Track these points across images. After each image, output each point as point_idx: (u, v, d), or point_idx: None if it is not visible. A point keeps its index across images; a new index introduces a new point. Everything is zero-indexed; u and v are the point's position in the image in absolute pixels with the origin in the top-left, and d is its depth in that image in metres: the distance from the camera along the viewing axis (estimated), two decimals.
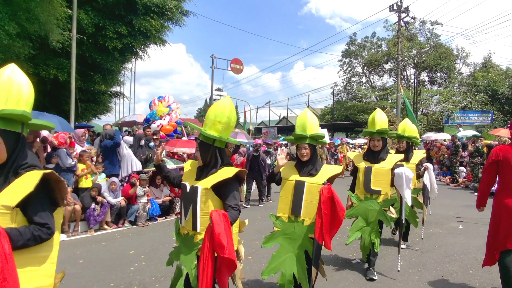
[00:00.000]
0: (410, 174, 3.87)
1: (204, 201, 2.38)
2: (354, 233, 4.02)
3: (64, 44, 11.18)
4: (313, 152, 3.13)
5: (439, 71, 32.68)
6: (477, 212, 3.74)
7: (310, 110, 3.33)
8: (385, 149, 4.15)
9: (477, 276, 4.23)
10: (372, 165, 4.06)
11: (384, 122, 4.16)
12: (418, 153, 5.28)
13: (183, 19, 15.73)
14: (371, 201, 4.01)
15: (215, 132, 2.47)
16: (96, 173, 6.99)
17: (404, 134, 5.16)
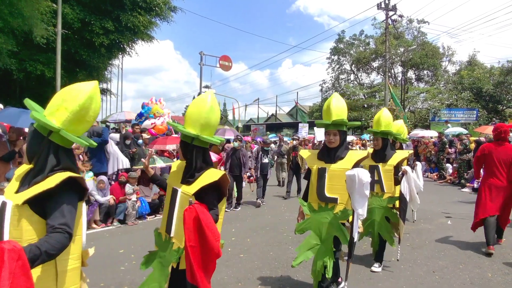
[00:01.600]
0: (366, 178, 2.75)
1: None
2: (304, 252, 3.14)
3: (49, 40, 10.94)
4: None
5: (426, 69, 33.15)
6: (465, 208, 3.91)
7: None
8: (344, 145, 3.22)
9: (467, 271, 4.29)
10: (327, 165, 3.14)
11: (342, 111, 3.20)
12: (400, 153, 4.26)
13: (171, 15, 15.60)
14: (325, 212, 3.08)
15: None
16: (83, 171, 6.84)
17: (377, 129, 4.17)
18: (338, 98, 3.28)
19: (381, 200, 4.08)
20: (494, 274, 4.18)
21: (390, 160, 4.10)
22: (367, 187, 2.77)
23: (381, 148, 4.17)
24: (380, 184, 4.09)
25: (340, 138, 3.15)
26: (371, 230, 4.18)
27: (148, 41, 15.60)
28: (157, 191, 7.68)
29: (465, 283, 3.92)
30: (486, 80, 27.96)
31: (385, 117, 4.12)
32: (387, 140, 4.10)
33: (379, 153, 4.15)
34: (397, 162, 4.10)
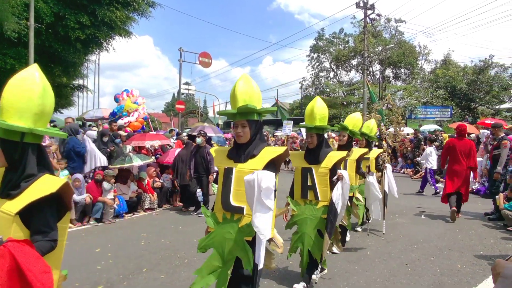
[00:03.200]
0: (266, 182, 2.10)
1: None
2: (204, 278, 2.60)
3: (20, 34, 10.58)
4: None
5: (403, 67, 33.86)
6: (438, 202, 3.99)
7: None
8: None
9: (437, 263, 4.44)
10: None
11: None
12: (336, 153, 3.61)
13: (149, 11, 15.33)
14: (230, 225, 2.46)
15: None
16: (57, 169, 6.68)
17: (311, 124, 3.52)
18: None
19: (314, 209, 3.39)
20: (463, 265, 4.35)
21: (324, 161, 3.40)
22: (267, 195, 2.07)
23: (315, 147, 3.45)
24: (313, 191, 3.40)
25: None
26: (300, 246, 3.42)
27: (126, 36, 15.29)
28: (135, 189, 7.58)
29: (436, 274, 4.06)
30: (460, 79, 28.84)
31: (320, 109, 3.39)
32: (323, 137, 3.48)
33: (313, 152, 3.48)
34: (333, 163, 3.37)
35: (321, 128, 3.32)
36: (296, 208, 3.47)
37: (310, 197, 3.43)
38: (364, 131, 5.46)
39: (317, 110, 3.29)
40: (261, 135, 2.52)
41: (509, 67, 28.90)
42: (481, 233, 5.83)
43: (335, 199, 3.22)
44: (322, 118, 3.32)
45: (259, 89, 2.52)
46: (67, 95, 18.95)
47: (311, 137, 3.28)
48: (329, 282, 3.83)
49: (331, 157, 3.40)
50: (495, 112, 28.41)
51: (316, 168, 3.40)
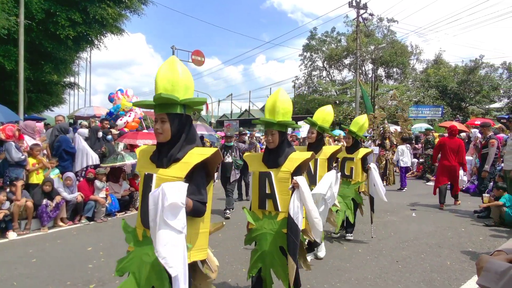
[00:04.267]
0: (171, 198, 1.69)
1: None
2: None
3: (10, 30, 10.43)
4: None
5: (395, 66, 34.15)
6: (429, 201, 4.02)
7: None
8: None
9: (428, 260, 4.50)
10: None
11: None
12: (299, 154, 2.89)
13: (142, 8, 15.22)
14: (149, 247, 1.96)
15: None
16: (48, 167, 6.62)
17: (272, 119, 2.81)
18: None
19: (274, 222, 2.76)
20: (453, 262, 4.42)
21: (285, 164, 2.76)
22: (174, 214, 1.69)
23: (276, 147, 2.81)
24: (272, 200, 2.74)
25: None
26: (261, 266, 2.81)
27: (117, 34, 15.15)
28: (127, 187, 7.55)
29: (426, 271, 4.12)
30: (451, 79, 29.18)
31: (283, 102, 2.80)
32: (285, 135, 2.85)
33: (273, 154, 2.81)
34: (294, 167, 2.73)
35: (284, 125, 2.81)
36: (254, 221, 2.84)
37: (269, 208, 2.76)
38: (352, 129, 5.16)
39: (280, 104, 2.77)
40: (189, 133, 2.06)
41: (499, 67, 29.36)
42: (470, 230, 5.92)
43: (293, 213, 2.59)
44: (285, 113, 2.80)
45: (188, 75, 2.07)
46: (58, 92, 18.72)
47: (272, 135, 2.77)
48: (321, 279, 3.86)
49: (293, 159, 2.76)
50: (485, 112, 28.82)
51: (275, 172, 2.75)
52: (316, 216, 2.73)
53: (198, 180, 1.98)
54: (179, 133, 2.02)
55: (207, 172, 2.07)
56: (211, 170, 2.09)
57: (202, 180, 2.01)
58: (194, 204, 1.91)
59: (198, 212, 1.97)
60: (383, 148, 10.91)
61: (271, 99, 2.84)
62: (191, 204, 1.88)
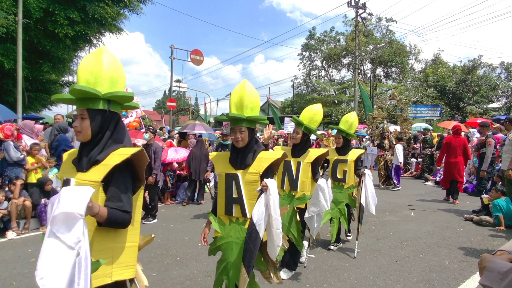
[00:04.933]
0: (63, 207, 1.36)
1: None
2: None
3: (8, 29, 10.41)
4: None
5: (394, 66, 34.18)
6: (427, 200, 4.01)
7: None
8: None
9: (426, 259, 4.52)
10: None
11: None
12: (270, 154, 2.60)
13: (140, 7, 15.20)
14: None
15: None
16: (47, 167, 6.61)
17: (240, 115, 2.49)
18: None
19: (241, 230, 2.45)
20: (451, 262, 4.43)
21: (253, 165, 2.47)
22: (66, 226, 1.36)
23: (245, 146, 2.51)
24: (240, 204, 2.45)
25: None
26: (224, 279, 2.51)
27: (116, 33, 15.13)
28: None
29: (425, 271, 4.13)
30: (449, 78, 29.21)
31: (250, 95, 2.49)
32: (254, 133, 2.55)
33: (241, 153, 2.51)
34: (264, 168, 2.43)
35: (253, 121, 2.50)
36: (220, 228, 2.56)
37: (236, 214, 2.48)
38: (342, 127, 4.72)
39: (248, 97, 2.46)
40: (114, 132, 1.83)
41: (497, 67, 29.42)
42: (469, 230, 5.94)
43: (256, 219, 2.29)
44: (254, 107, 2.50)
45: (115, 67, 1.82)
46: (56, 91, 18.64)
47: (241, 133, 2.46)
48: (320, 279, 3.87)
49: (262, 159, 2.48)
50: (483, 112, 28.88)
51: (243, 174, 2.47)
52: (278, 227, 2.34)
53: (118, 184, 1.70)
54: (101, 131, 1.79)
55: (135, 175, 1.81)
56: (139, 173, 1.82)
57: (125, 185, 1.73)
58: (111, 213, 1.62)
59: (117, 222, 1.66)
60: (382, 149, 10.83)
61: (237, 92, 2.52)
62: (105, 213, 1.59)
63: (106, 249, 1.68)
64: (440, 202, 8.36)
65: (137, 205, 1.82)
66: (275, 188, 2.35)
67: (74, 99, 1.78)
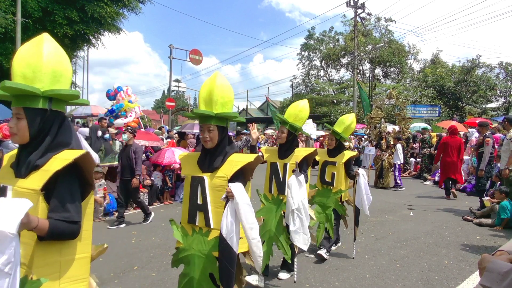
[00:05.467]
0: None
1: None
2: None
3: (7, 29, 10.39)
4: None
5: (393, 66, 34.20)
6: (426, 200, 4.03)
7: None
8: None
9: (425, 259, 4.53)
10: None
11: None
12: (241, 157, 2.46)
13: (139, 7, 15.22)
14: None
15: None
16: None
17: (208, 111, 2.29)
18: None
19: (204, 242, 2.22)
20: (450, 261, 4.44)
21: (222, 168, 2.21)
22: None
23: (215, 146, 2.25)
24: (204, 212, 2.20)
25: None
26: None
27: (115, 32, 15.13)
28: None
29: (424, 270, 4.14)
30: (448, 78, 29.26)
31: (222, 90, 2.23)
32: (225, 132, 2.29)
33: (210, 155, 2.26)
34: (233, 172, 2.16)
35: (224, 118, 2.24)
36: (182, 238, 2.32)
37: (199, 223, 2.23)
38: (336, 129, 4.42)
39: (219, 91, 2.19)
40: (58, 134, 1.61)
41: (496, 67, 29.49)
42: (468, 230, 5.95)
43: (226, 232, 1.96)
44: (225, 103, 2.23)
45: (58, 59, 1.58)
46: None
47: (210, 132, 2.19)
48: (320, 278, 3.88)
49: (233, 162, 2.19)
50: (482, 111, 28.94)
51: (210, 177, 2.20)
52: (254, 237, 2.04)
53: (62, 192, 1.50)
54: (41, 133, 1.57)
55: (84, 181, 1.60)
56: (88, 178, 1.61)
57: (70, 192, 1.52)
58: (53, 225, 1.42)
59: (63, 234, 1.47)
60: (380, 149, 10.77)
61: (206, 86, 2.25)
62: (46, 226, 1.40)
63: (50, 264, 1.48)
64: (439, 201, 8.37)
65: (87, 212, 1.62)
66: (242, 192, 2.00)
67: (9, 95, 1.55)
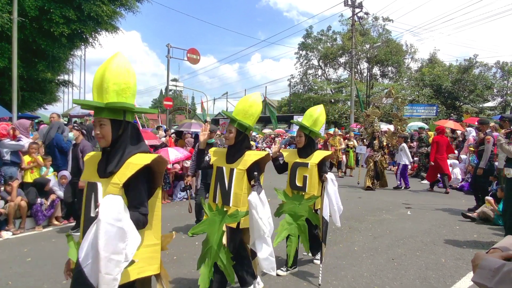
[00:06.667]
0: None
1: None
2: None
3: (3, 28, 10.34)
4: None
5: (390, 65, 34.33)
6: (424, 199, 4.02)
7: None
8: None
9: (423, 257, 4.54)
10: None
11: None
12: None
13: (137, 6, 15.17)
14: None
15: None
16: (43, 166, 6.56)
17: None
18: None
19: None
20: (447, 259, 4.45)
21: (118, 174, 1.85)
22: None
23: (110, 146, 1.91)
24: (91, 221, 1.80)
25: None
26: None
27: (112, 31, 15.08)
28: None
29: (421, 269, 4.15)
30: (445, 78, 29.38)
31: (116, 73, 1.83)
32: (124, 127, 1.91)
33: (106, 157, 1.92)
34: (127, 177, 1.82)
35: (120, 110, 1.85)
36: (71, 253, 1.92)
37: None
38: (304, 123, 3.80)
39: (112, 76, 1.79)
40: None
41: (493, 66, 29.61)
42: (465, 228, 5.97)
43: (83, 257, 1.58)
44: (121, 91, 1.83)
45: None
46: (52, 90, 18.59)
47: (101, 128, 1.83)
48: (317, 277, 3.87)
49: (130, 166, 1.82)
50: (479, 110, 29.05)
51: (105, 184, 1.82)
52: (107, 272, 1.51)
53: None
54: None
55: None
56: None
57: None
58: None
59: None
60: (372, 149, 10.43)
61: (99, 70, 1.85)
62: None
63: None
64: (437, 200, 8.40)
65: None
66: (107, 209, 1.55)
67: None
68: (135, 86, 1.93)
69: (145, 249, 1.89)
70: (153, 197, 1.98)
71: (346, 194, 9.29)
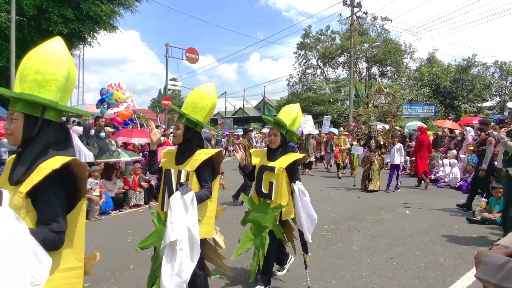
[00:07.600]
0: None
1: None
2: None
3: (1, 27, 10.31)
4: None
5: (389, 65, 34.31)
6: (422, 198, 4.02)
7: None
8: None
9: (422, 257, 4.54)
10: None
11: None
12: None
13: (135, 5, 15.14)
14: None
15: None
16: None
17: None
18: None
19: None
20: (446, 259, 4.46)
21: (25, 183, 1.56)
22: None
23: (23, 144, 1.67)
24: None
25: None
26: None
27: (111, 31, 15.05)
28: (121, 185, 7.49)
29: (420, 268, 4.15)
30: (444, 77, 29.41)
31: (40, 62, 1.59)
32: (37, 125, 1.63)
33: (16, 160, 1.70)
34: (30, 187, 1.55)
35: (38, 105, 1.59)
36: None
37: None
38: (279, 119, 3.28)
39: (35, 63, 1.58)
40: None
41: (491, 66, 29.67)
42: (464, 228, 5.98)
43: None
44: (44, 82, 1.58)
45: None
46: None
47: (12, 122, 1.62)
48: (316, 277, 3.87)
49: (42, 169, 1.53)
50: (478, 110, 29.11)
51: (12, 193, 1.55)
52: None
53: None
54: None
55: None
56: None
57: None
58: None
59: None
60: (369, 149, 10.05)
61: (27, 54, 1.63)
62: None
63: None
64: (436, 200, 8.41)
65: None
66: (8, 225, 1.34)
67: None
68: (65, 79, 1.61)
69: (61, 274, 1.57)
70: (75, 209, 1.65)
71: (345, 193, 9.29)
